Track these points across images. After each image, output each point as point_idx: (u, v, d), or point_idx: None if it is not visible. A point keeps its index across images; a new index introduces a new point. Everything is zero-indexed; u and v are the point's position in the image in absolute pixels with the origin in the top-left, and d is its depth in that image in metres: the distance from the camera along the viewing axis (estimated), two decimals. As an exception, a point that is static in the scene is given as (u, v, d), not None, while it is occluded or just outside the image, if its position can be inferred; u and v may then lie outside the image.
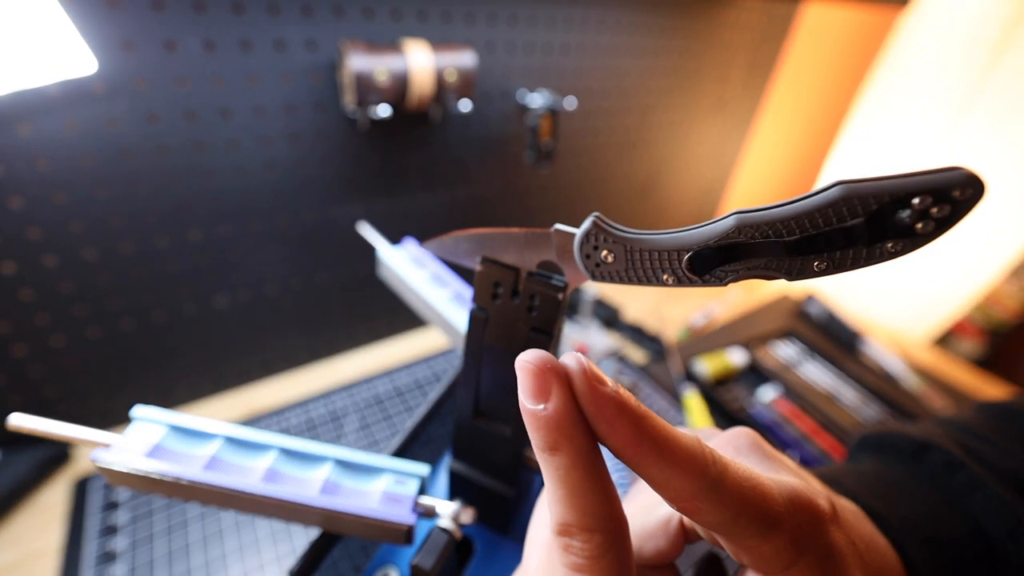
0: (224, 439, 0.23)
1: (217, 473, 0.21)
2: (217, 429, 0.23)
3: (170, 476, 0.20)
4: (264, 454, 0.23)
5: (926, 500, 0.22)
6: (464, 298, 0.33)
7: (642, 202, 0.91)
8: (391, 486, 0.22)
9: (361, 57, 0.46)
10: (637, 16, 0.67)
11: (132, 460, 0.21)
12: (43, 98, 0.39)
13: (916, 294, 0.89)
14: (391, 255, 0.32)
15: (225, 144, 0.48)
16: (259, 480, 0.21)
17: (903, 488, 0.22)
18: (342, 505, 0.21)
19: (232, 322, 0.58)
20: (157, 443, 0.22)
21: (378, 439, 0.57)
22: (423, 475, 0.22)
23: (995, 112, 0.73)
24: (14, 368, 0.47)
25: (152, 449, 0.21)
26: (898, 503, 0.21)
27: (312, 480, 0.23)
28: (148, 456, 0.21)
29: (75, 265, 0.46)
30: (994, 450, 0.23)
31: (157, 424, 0.23)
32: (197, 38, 0.42)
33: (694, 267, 0.19)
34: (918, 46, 0.79)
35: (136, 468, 0.20)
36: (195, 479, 0.21)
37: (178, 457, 0.22)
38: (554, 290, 0.20)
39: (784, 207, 0.17)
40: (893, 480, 0.23)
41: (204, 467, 0.21)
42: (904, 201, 0.15)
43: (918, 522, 0.21)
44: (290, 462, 0.23)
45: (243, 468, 0.22)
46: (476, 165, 0.66)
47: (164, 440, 0.22)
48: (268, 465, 0.22)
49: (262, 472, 0.21)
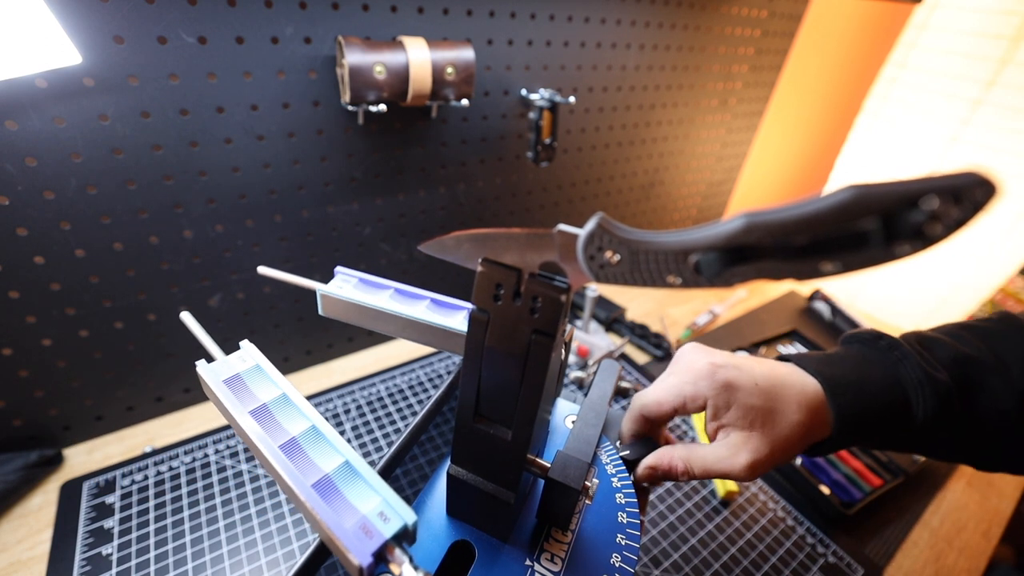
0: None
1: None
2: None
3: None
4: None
5: (861, 367, 0.30)
6: (442, 302, 0.32)
7: (644, 201, 0.91)
8: (375, 516, 0.21)
9: (358, 53, 0.46)
10: (639, 11, 0.66)
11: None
12: (31, 93, 0.38)
13: (926, 292, 0.88)
14: (340, 290, 0.32)
15: (219, 141, 0.47)
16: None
17: (847, 360, 0.30)
18: (322, 511, 0.20)
19: (227, 323, 0.57)
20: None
21: (378, 438, 0.57)
22: (407, 522, 0.21)
23: (1010, 107, 0.72)
24: (2, 370, 0.47)
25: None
26: (839, 368, 0.30)
27: (318, 467, 0.23)
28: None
29: (65, 264, 0.45)
30: (953, 341, 0.30)
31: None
32: (190, 32, 0.42)
33: (701, 269, 0.18)
34: (931, 40, 0.78)
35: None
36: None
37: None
38: (557, 291, 0.19)
39: (795, 209, 0.16)
40: (844, 356, 0.31)
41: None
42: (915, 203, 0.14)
43: (849, 379, 0.29)
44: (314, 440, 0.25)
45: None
46: (476, 163, 0.65)
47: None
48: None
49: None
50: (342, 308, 0.32)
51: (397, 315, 0.31)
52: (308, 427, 0.25)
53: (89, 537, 0.45)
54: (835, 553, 0.50)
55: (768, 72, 0.89)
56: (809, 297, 0.90)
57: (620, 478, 0.30)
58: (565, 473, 0.25)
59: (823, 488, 0.54)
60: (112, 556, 0.44)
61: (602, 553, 0.27)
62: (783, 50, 0.88)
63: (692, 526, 0.51)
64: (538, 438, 0.27)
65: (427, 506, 0.29)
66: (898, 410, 0.28)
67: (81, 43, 0.38)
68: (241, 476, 0.51)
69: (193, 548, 0.45)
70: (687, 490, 0.55)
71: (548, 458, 0.26)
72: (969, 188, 0.13)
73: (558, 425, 0.34)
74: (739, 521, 0.52)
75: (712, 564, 0.47)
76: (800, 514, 0.53)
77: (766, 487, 0.56)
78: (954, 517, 0.56)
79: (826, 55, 1.01)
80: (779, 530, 0.51)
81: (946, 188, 0.13)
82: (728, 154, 0.98)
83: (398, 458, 0.32)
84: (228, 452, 0.54)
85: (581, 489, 0.25)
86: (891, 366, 0.29)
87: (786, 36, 0.86)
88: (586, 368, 0.69)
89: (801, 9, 0.84)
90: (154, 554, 0.44)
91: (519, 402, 0.22)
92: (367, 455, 0.55)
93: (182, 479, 0.51)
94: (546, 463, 0.26)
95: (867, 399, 0.29)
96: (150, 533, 0.45)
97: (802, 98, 1.05)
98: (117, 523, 0.46)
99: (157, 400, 0.57)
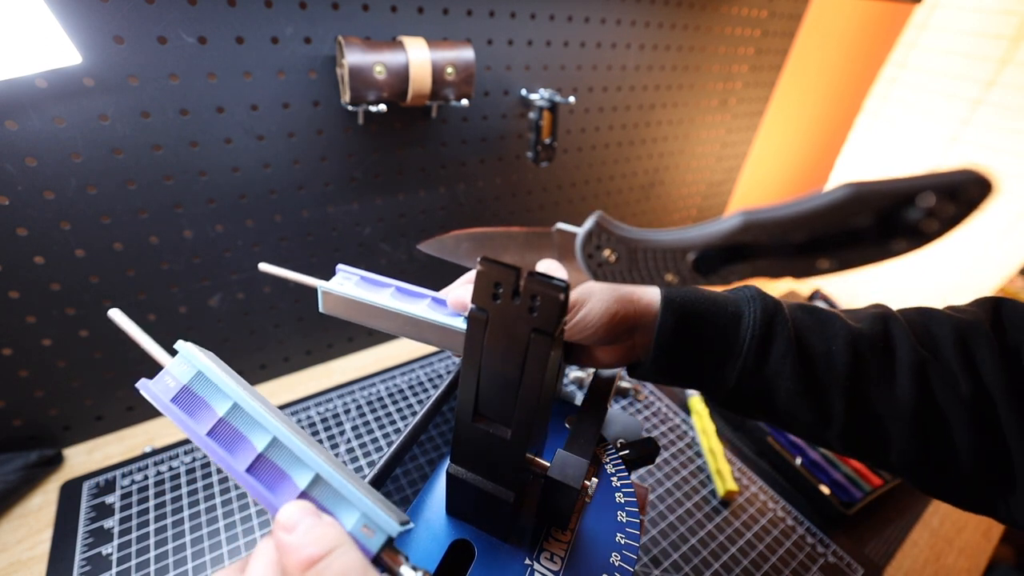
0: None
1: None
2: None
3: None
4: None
5: (706, 294, 0.30)
6: (443, 301, 0.32)
7: (644, 201, 0.91)
8: (357, 530, 0.21)
9: (358, 53, 0.46)
10: (639, 11, 0.66)
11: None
12: (31, 93, 0.38)
13: (926, 291, 0.88)
14: (341, 287, 0.32)
15: (219, 141, 0.47)
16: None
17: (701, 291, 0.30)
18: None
19: (227, 323, 0.58)
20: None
21: (378, 438, 0.57)
22: (391, 533, 0.20)
23: (1010, 107, 0.72)
24: (2, 370, 0.47)
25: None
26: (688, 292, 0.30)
27: (294, 484, 0.21)
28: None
29: (65, 264, 0.45)
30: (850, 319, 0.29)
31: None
32: (190, 32, 0.42)
33: (699, 267, 0.18)
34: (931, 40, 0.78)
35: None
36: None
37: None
38: (555, 290, 0.19)
39: (792, 207, 0.16)
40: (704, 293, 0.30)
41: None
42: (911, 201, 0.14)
43: (687, 294, 0.29)
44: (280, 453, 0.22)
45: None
46: (476, 163, 0.65)
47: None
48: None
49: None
50: (343, 305, 0.32)
51: (398, 312, 0.31)
52: (270, 440, 0.22)
53: (89, 537, 0.45)
54: (835, 553, 0.50)
55: (768, 72, 0.89)
56: (809, 297, 0.90)
57: (620, 478, 0.30)
58: (564, 472, 0.25)
59: (823, 488, 0.54)
60: (112, 556, 0.44)
61: (602, 552, 0.27)
62: (783, 50, 0.88)
63: (692, 526, 0.51)
64: (537, 437, 0.27)
65: (427, 505, 0.29)
66: (727, 317, 0.28)
67: (81, 43, 0.38)
68: (241, 476, 0.51)
69: (193, 548, 0.45)
70: (687, 490, 0.55)
71: (548, 458, 0.26)
72: (965, 185, 0.13)
73: (558, 425, 0.34)
74: (739, 521, 0.52)
75: (712, 564, 0.47)
76: (800, 514, 0.53)
77: (766, 487, 0.56)
78: (954, 517, 0.56)
79: (826, 55, 1.01)
80: (779, 530, 0.51)
81: (942, 185, 0.13)
82: (728, 154, 0.98)
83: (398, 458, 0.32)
84: (228, 452, 0.54)
85: (580, 488, 0.25)
86: (735, 291, 0.30)
87: (786, 36, 0.86)
88: (586, 368, 0.69)
89: (801, 9, 0.84)
90: (154, 554, 0.44)
91: (518, 401, 0.22)
92: (367, 455, 0.55)
93: (182, 479, 0.51)
94: (545, 462, 0.26)
95: (699, 300, 0.29)
96: (150, 533, 0.46)
97: (802, 98, 1.05)
98: (117, 523, 0.46)
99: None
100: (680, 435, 0.62)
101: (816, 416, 0.28)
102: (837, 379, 0.27)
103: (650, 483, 0.55)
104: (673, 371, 0.29)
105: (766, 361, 0.28)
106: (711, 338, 0.28)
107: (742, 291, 0.30)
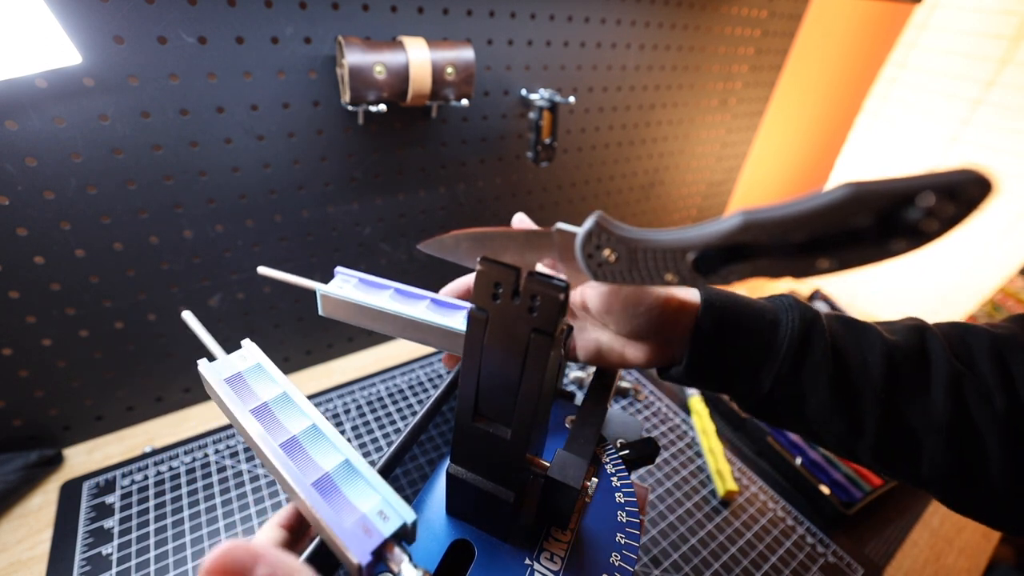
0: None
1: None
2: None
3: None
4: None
5: (745, 299, 0.29)
6: (442, 302, 0.32)
7: (644, 201, 0.91)
8: (374, 514, 0.21)
9: (358, 53, 0.46)
10: (639, 11, 0.66)
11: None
12: (31, 93, 0.38)
13: (926, 292, 0.88)
14: (340, 290, 0.32)
15: (219, 141, 0.47)
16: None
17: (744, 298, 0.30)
18: (321, 510, 0.21)
19: (227, 323, 0.58)
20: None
21: (378, 438, 0.57)
22: (407, 521, 0.21)
23: (1010, 107, 0.72)
24: (2, 370, 0.47)
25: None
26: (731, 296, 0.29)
27: (318, 466, 0.23)
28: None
29: (65, 264, 0.45)
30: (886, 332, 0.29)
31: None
32: (190, 32, 0.42)
33: (699, 267, 0.18)
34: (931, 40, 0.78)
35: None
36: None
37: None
38: (555, 290, 0.19)
39: (792, 207, 0.16)
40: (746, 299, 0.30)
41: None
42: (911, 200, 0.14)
43: (727, 298, 0.29)
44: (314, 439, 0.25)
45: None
46: (476, 163, 0.65)
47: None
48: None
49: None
50: (342, 308, 0.32)
51: (397, 315, 0.31)
52: (309, 426, 0.25)
53: (89, 537, 0.45)
54: (835, 553, 0.50)
55: (768, 72, 0.89)
56: (809, 297, 0.90)
57: (620, 478, 0.30)
58: (564, 472, 0.25)
59: (823, 488, 0.54)
60: (112, 556, 0.44)
61: (602, 552, 0.27)
62: (783, 50, 0.88)
63: (692, 526, 0.51)
64: (537, 437, 0.27)
65: (427, 505, 0.29)
66: (765, 323, 0.28)
67: (81, 43, 0.38)
68: (241, 476, 0.51)
69: (193, 548, 0.45)
70: (687, 490, 0.55)
71: (548, 457, 0.26)
72: (965, 185, 0.13)
73: (558, 425, 0.34)
74: (739, 521, 0.52)
75: (712, 564, 0.47)
76: (800, 514, 0.53)
77: (766, 487, 0.56)
78: (954, 517, 0.56)
79: (826, 55, 1.01)
80: (779, 530, 0.51)
81: (942, 185, 0.13)
82: (728, 154, 0.98)
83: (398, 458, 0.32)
84: (228, 452, 0.54)
85: (580, 488, 0.25)
86: (772, 299, 0.30)
87: (786, 36, 0.86)
88: (586, 368, 0.69)
89: (801, 9, 0.84)
90: (154, 554, 0.44)
91: (518, 401, 0.22)
92: (367, 455, 0.55)
93: (182, 479, 0.51)
94: (546, 462, 0.26)
95: (737, 305, 0.29)
96: (150, 533, 0.46)
97: (802, 98, 1.05)
98: (117, 523, 0.46)
99: (157, 400, 0.58)
100: (680, 435, 0.62)
101: (848, 426, 0.28)
102: (872, 390, 0.27)
103: (650, 483, 0.55)
104: (707, 374, 0.29)
105: (802, 368, 0.27)
106: (748, 343, 0.28)
107: (780, 299, 0.30)
